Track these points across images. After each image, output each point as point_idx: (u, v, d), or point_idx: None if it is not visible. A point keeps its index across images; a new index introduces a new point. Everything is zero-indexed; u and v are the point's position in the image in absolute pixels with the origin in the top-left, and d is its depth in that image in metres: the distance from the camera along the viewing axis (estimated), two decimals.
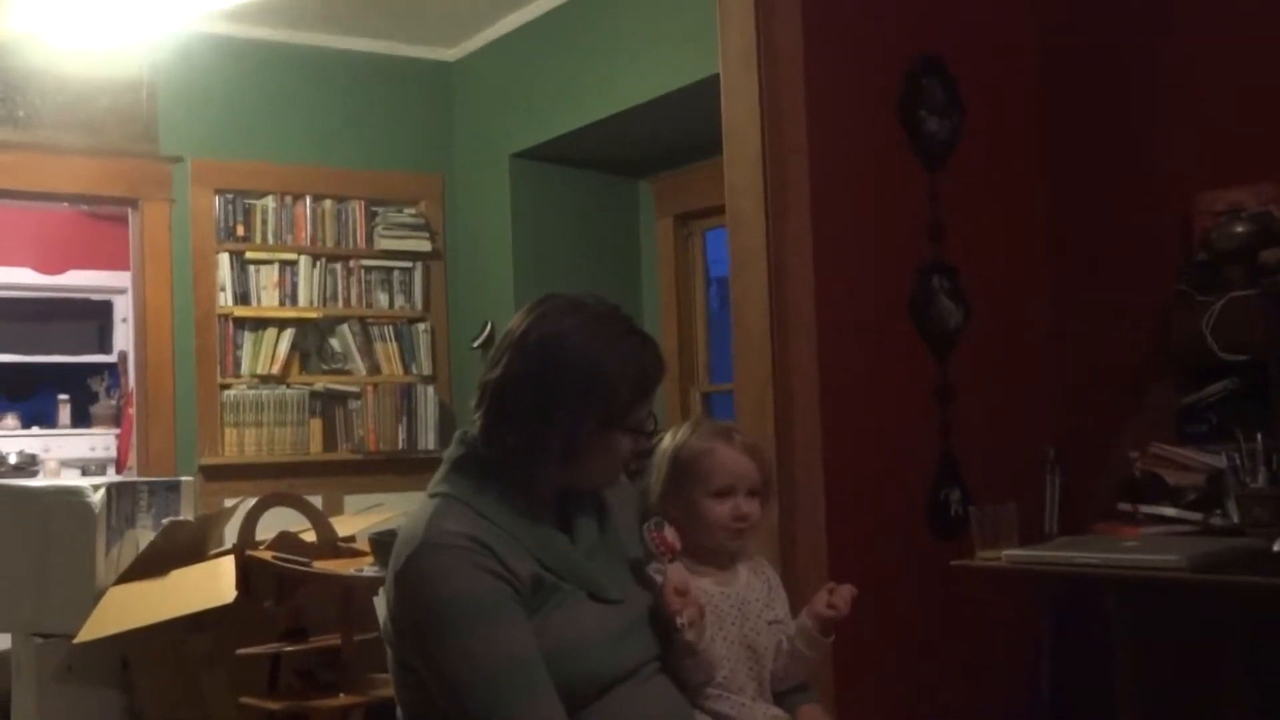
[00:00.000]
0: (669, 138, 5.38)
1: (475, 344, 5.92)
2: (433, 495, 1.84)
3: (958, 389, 3.35)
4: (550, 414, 1.80)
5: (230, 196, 5.78)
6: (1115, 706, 2.83)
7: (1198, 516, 2.84)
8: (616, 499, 1.99)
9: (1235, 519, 2.76)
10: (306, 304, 5.89)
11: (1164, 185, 3.34)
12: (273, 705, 3.44)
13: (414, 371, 6.09)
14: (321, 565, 3.61)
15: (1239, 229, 3.03)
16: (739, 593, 2.00)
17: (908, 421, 3.28)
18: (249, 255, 5.81)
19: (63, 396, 8.16)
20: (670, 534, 1.94)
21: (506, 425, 1.82)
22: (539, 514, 1.84)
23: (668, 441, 2.07)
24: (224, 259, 5.76)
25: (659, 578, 1.89)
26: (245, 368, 5.76)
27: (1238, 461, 2.76)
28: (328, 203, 5.97)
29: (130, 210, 5.76)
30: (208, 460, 5.60)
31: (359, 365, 5.99)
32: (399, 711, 1.86)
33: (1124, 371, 3.37)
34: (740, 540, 2.02)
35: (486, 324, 5.89)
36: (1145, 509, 2.93)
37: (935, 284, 3.35)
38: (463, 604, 1.70)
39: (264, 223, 5.86)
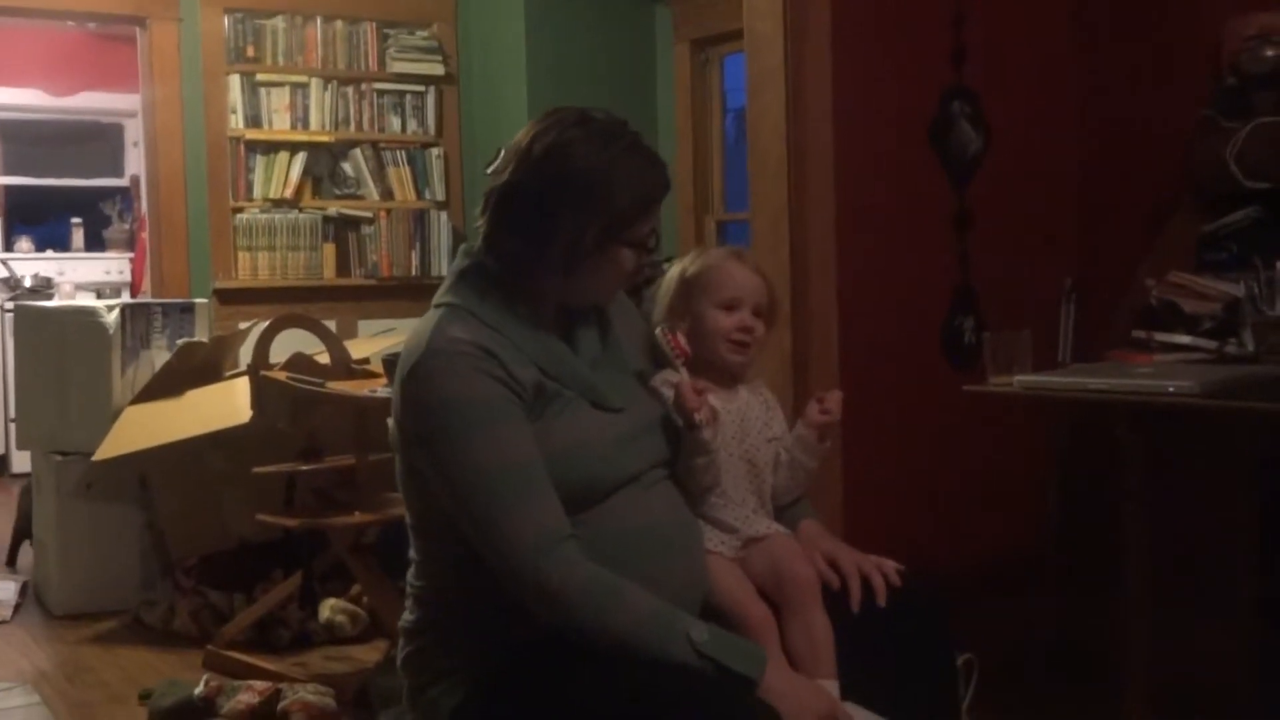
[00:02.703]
0: None
1: (489, 170, 5.85)
2: (438, 305, 1.86)
3: (976, 216, 3.31)
4: (552, 221, 1.80)
5: (239, 16, 5.68)
6: (1123, 534, 2.85)
7: (1213, 344, 2.81)
8: (619, 315, 2.00)
9: (1251, 347, 2.73)
10: (318, 127, 5.84)
11: (1194, 7, 3.25)
12: (289, 522, 3.49)
13: (427, 197, 6.05)
14: (335, 386, 3.62)
15: (1269, 53, 2.94)
16: (739, 409, 2.02)
17: (924, 249, 3.25)
18: (260, 77, 5.74)
19: (75, 220, 8.13)
20: (683, 339, 1.96)
21: (509, 232, 1.84)
22: (542, 323, 1.86)
23: (675, 269, 2.08)
24: (234, 81, 5.69)
25: (665, 389, 1.91)
26: (257, 191, 5.74)
27: (1255, 289, 2.72)
28: (338, 23, 5.86)
29: (138, 30, 5.67)
30: (221, 284, 5.61)
31: (371, 190, 5.96)
32: (407, 515, 1.90)
33: (1146, 199, 3.32)
34: (742, 356, 2.03)
35: (500, 151, 5.82)
36: (1160, 337, 2.90)
37: (956, 109, 3.29)
38: (466, 407, 1.73)
39: (274, 44, 5.77)
